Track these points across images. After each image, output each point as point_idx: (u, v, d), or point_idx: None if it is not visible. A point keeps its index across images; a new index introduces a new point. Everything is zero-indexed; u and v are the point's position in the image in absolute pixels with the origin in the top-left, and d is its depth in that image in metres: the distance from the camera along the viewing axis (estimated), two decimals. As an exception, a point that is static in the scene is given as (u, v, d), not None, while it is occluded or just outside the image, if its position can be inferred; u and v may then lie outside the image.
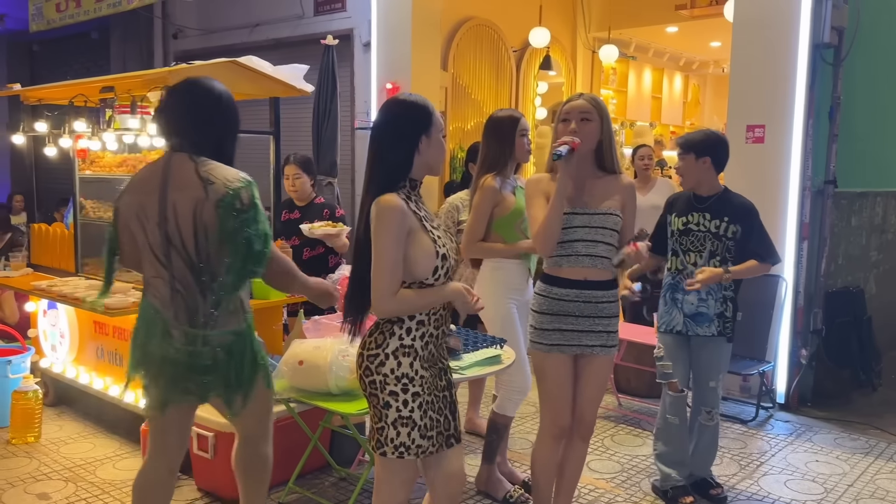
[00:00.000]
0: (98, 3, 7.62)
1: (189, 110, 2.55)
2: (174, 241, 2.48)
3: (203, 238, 2.47)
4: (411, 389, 2.27)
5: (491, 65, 8.31)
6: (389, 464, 2.33)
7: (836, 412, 4.93)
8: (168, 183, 2.49)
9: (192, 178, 2.47)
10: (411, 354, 2.28)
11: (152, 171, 2.58)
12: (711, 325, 3.47)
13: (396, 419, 2.27)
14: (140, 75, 4.02)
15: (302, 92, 4.29)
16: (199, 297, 2.49)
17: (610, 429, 4.59)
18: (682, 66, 12.06)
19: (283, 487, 3.57)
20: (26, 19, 8.48)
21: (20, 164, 8.36)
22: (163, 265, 2.50)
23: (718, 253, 3.46)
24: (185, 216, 2.46)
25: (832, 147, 5.04)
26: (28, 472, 3.83)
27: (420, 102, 2.33)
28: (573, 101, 2.90)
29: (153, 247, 2.51)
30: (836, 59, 4.97)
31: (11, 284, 4.65)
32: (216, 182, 2.46)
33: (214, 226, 2.45)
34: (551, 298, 2.90)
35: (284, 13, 7.64)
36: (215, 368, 2.54)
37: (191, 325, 2.50)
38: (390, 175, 2.28)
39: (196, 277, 2.49)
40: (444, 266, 2.30)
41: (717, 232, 3.45)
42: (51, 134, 4.52)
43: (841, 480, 3.93)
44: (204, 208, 2.44)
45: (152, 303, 2.54)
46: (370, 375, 2.30)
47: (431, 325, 2.32)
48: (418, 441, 2.29)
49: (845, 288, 5.36)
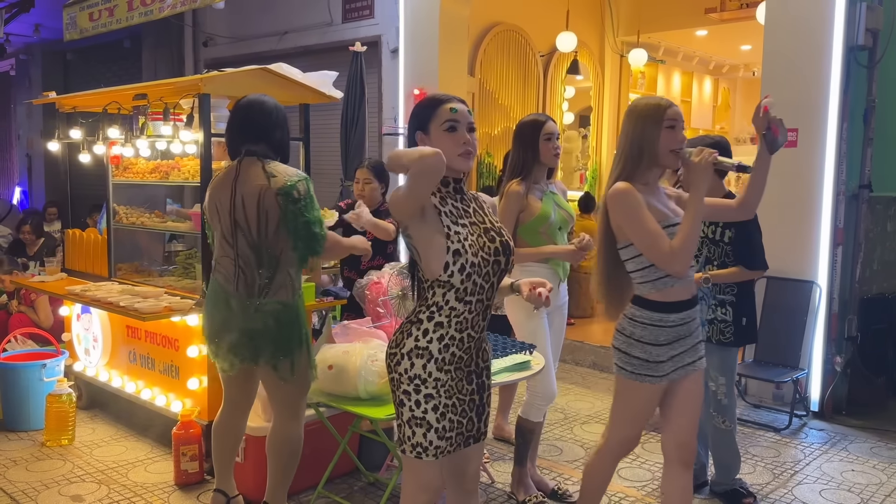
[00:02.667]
0: (130, 11, 7.74)
1: (256, 122, 3.04)
2: (241, 225, 2.95)
3: (264, 222, 2.92)
4: (423, 391, 2.24)
5: (518, 70, 8.30)
6: (409, 462, 2.33)
7: (872, 420, 4.83)
8: (238, 180, 2.97)
9: (258, 173, 2.95)
10: (425, 356, 2.24)
11: (227, 173, 3.05)
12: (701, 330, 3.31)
13: (410, 418, 2.26)
14: (172, 83, 4.06)
15: (331, 98, 4.31)
16: (256, 272, 2.96)
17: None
18: (712, 69, 11.94)
19: (313, 492, 3.58)
20: (60, 29, 8.63)
21: (55, 171, 8.50)
22: (230, 245, 2.98)
23: (715, 258, 3.42)
24: (250, 203, 2.92)
25: (867, 151, 4.96)
26: (62, 474, 3.88)
27: (426, 98, 2.36)
28: (674, 107, 2.63)
29: (224, 232, 3.00)
30: (870, 61, 4.89)
31: (46, 289, 4.73)
32: (278, 176, 2.94)
33: (276, 211, 2.91)
34: (668, 327, 2.61)
35: (313, 20, 7.70)
36: (265, 333, 2.97)
37: (248, 296, 2.97)
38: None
39: (256, 255, 2.95)
40: (455, 262, 2.20)
41: (714, 237, 3.43)
42: (85, 141, 4.59)
43: (878, 490, 3.85)
44: (266, 196, 2.90)
45: (217, 279, 3.05)
46: (390, 373, 2.32)
47: (453, 328, 2.25)
48: (436, 443, 2.26)
49: (881, 294, 5.27)
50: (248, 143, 3.02)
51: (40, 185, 11.48)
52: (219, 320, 3.04)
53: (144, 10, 7.62)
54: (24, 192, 12.08)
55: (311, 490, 3.62)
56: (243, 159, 3.01)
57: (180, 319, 3.89)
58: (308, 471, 3.63)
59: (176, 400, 4.03)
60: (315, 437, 3.63)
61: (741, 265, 3.43)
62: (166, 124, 4.04)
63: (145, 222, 4.49)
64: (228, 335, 3.01)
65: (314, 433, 3.63)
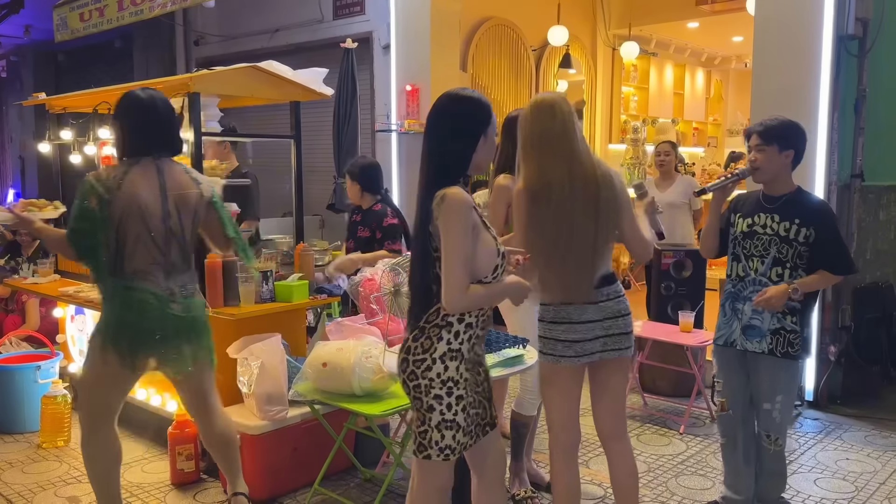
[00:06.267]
0: (120, 11, 7.71)
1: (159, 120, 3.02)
2: (175, 231, 2.96)
3: (194, 228, 3.04)
4: (455, 392, 2.26)
5: (510, 64, 8.29)
6: (430, 466, 2.31)
7: (867, 409, 4.85)
8: (166, 184, 2.95)
9: (184, 178, 3.02)
10: (458, 358, 2.26)
11: (145, 175, 2.95)
12: (763, 340, 3.09)
13: (440, 422, 2.25)
14: (162, 82, 4.06)
15: (322, 95, 4.31)
16: (186, 276, 3.04)
17: (636, 428, 4.55)
18: (704, 61, 11.95)
19: (309, 489, 3.59)
20: (51, 30, 8.59)
21: (48, 173, 8.48)
22: (162, 252, 2.95)
23: (788, 260, 3.05)
24: (186, 210, 2.98)
25: (858, 140, 4.96)
26: (58, 476, 3.88)
27: (482, 99, 2.29)
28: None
29: (156, 239, 2.93)
30: (860, 50, 4.89)
31: (39, 291, 4.72)
32: (203, 182, 3.06)
33: (204, 218, 3.05)
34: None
35: (304, 18, 7.68)
36: (203, 330, 3.08)
37: (183, 297, 3.01)
38: (448, 172, 2.24)
39: (185, 260, 3.03)
40: (502, 264, 2.28)
41: (787, 235, 3.04)
42: (76, 142, 4.59)
43: (872, 478, 3.86)
44: (200, 203, 3.02)
45: (147, 286, 2.94)
46: (415, 380, 2.28)
47: (478, 327, 2.31)
48: (462, 440, 2.29)
49: (874, 283, 5.28)
50: (156, 142, 3.00)
51: (34, 186, 11.45)
52: (154, 326, 2.96)
53: (135, 9, 7.58)
54: (17, 193, 12.05)
55: (307, 487, 3.62)
56: (159, 161, 2.99)
57: (174, 319, 3.88)
58: (304, 468, 3.63)
59: (171, 400, 4.03)
60: (311, 435, 3.64)
61: (825, 269, 3.06)
62: (157, 124, 4.03)
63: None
64: (176, 340, 2.99)
65: (310, 430, 3.63)
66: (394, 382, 3.43)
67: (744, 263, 3.15)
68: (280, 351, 3.56)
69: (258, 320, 3.81)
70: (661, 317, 5.30)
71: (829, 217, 3.13)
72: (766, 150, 3.08)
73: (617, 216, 2.74)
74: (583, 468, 3.89)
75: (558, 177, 2.65)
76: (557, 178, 2.65)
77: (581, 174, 2.68)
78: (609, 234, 2.75)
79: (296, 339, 4.08)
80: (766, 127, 3.10)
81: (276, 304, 3.86)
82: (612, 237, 2.77)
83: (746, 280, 3.14)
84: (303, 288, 3.94)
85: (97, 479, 3.09)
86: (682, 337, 4.60)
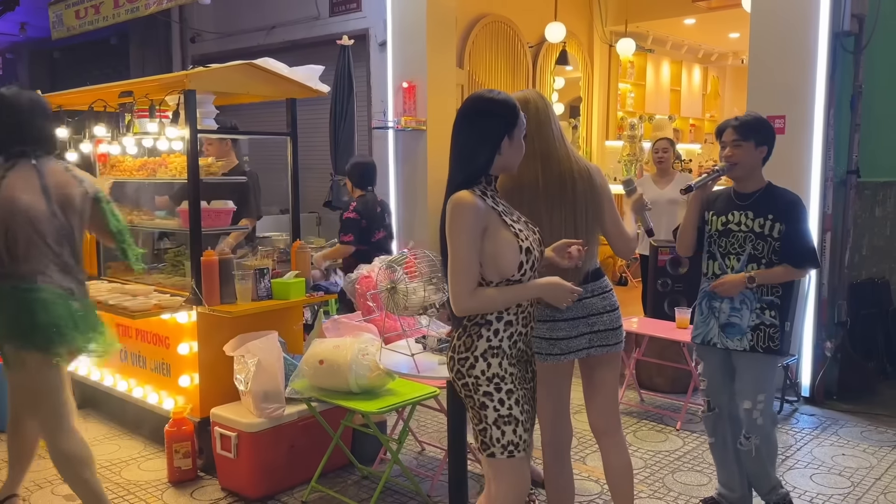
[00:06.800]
0: (116, 9, 7.70)
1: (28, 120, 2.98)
2: (66, 231, 2.96)
3: (83, 226, 3.05)
4: (504, 388, 2.26)
5: (507, 61, 8.29)
6: (500, 464, 2.29)
7: (863, 405, 4.87)
8: (47, 184, 2.94)
9: (65, 176, 3.01)
10: (499, 355, 2.26)
11: (25, 177, 2.92)
12: (744, 338, 3.07)
13: (497, 419, 2.25)
14: (157, 79, 4.05)
15: (318, 92, 4.30)
16: (80, 274, 3.06)
17: (633, 424, 4.56)
18: (701, 58, 11.95)
19: (306, 486, 3.59)
20: (47, 27, 8.58)
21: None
22: (55, 253, 2.94)
23: (763, 256, 3.04)
24: (71, 209, 2.97)
25: (854, 137, 4.97)
26: (54, 474, 3.84)
27: (508, 101, 2.26)
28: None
29: (46, 239, 2.92)
30: (856, 47, 4.89)
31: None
32: (85, 179, 3.07)
33: (91, 215, 3.06)
34: None
35: (300, 15, 7.67)
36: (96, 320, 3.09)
37: (82, 294, 3.03)
38: (469, 175, 2.25)
39: (77, 258, 3.03)
40: (528, 260, 2.25)
41: (762, 232, 3.04)
42: (72, 139, 4.57)
43: (868, 474, 3.87)
44: (85, 201, 3.03)
45: (48, 286, 2.93)
46: (462, 378, 2.28)
47: (520, 324, 2.30)
48: (524, 436, 2.28)
49: (870, 279, 5.29)
50: (27, 141, 2.96)
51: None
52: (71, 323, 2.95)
53: (131, 6, 7.57)
54: (13, 191, 12.02)
55: (304, 484, 3.63)
56: (38, 160, 2.96)
57: (170, 317, 3.88)
58: (301, 465, 3.64)
59: (168, 397, 4.03)
60: (308, 432, 3.64)
61: (787, 263, 3.04)
62: (152, 121, 4.03)
63: (133, 220, 4.47)
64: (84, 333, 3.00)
65: (307, 428, 3.64)
66: (391, 379, 3.44)
67: (720, 261, 3.14)
68: (277, 348, 3.57)
69: (255, 318, 3.81)
70: (657, 313, 5.31)
71: (798, 210, 3.08)
72: (742, 145, 3.06)
73: (597, 211, 2.74)
74: (579, 464, 3.91)
75: (530, 177, 2.66)
76: (528, 178, 2.66)
77: (556, 171, 2.68)
78: (591, 229, 2.74)
79: (293, 336, 4.08)
80: (742, 122, 3.09)
81: (273, 302, 3.86)
82: (594, 232, 2.77)
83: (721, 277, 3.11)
84: (299, 285, 3.94)
85: (75, 481, 3.07)
86: (678, 333, 4.60)
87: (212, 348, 3.76)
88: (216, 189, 4.14)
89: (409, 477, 3.55)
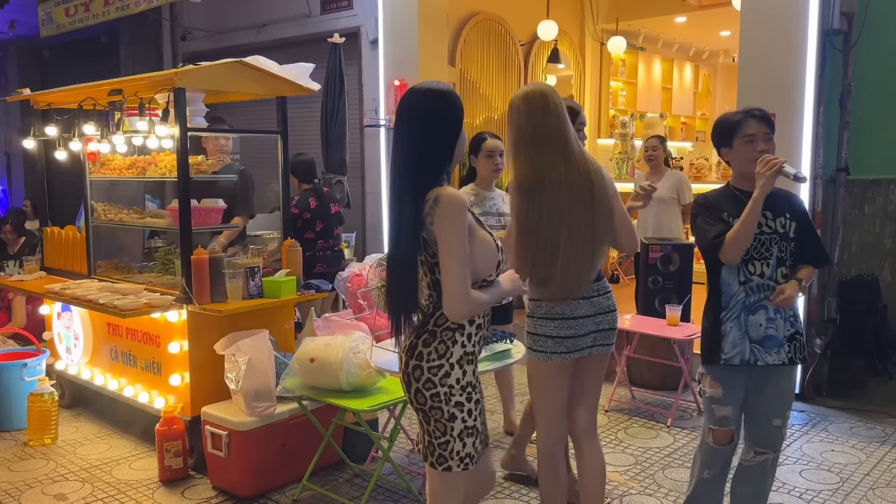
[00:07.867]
0: (107, 6, 7.67)
1: None
2: None
3: None
4: (474, 397, 2.16)
5: (499, 59, 8.29)
6: (449, 478, 2.17)
7: (852, 401, 4.89)
8: None
9: None
10: (473, 361, 2.17)
11: None
12: (781, 350, 2.71)
13: (462, 430, 2.13)
14: (147, 77, 4.03)
15: (308, 90, 4.29)
16: None
17: (624, 421, 4.58)
18: (692, 56, 11.97)
19: (297, 485, 3.59)
20: (36, 25, 8.54)
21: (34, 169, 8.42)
22: None
23: (787, 258, 2.73)
24: None
25: (844, 134, 5.00)
26: (45, 474, 3.86)
27: (452, 90, 2.19)
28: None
29: None
30: (845, 45, 4.92)
31: (25, 287, 4.69)
32: None
33: None
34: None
35: (291, 12, 7.65)
36: None
37: None
38: (438, 166, 2.11)
39: None
40: (502, 259, 2.20)
41: (785, 232, 2.72)
42: (61, 138, 4.55)
43: (857, 470, 3.90)
44: None
45: None
46: (433, 388, 2.12)
47: (484, 328, 2.22)
48: (479, 447, 2.19)
49: (860, 276, 5.32)
50: None
51: (19, 183, 11.37)
52: None
53: (121, 4, 7.55)
54: (3, 190, 11.96)
55: (295, 483, 3.63)
56: None
57: (161, 316, 3.87)
58: (293, 464, 3.63)
59: (158, 396, 4.02)
60: (299, 430, 3.64)
61: (809, 263, 2.77)
62: (142, 120, 4.01)
63: (123, 219, 4.46)
64: None
65: (298, 426, 3.63)
66: (381, 378, 3.44)
67: (742, 269, 2.72)
68: (268, 347, 3.56)
69: (245, 316, 3.80)
70: (648, 310, 5.33)
71: (804, 207, 2.87)
72: (772, 138, 2.78)
73: (611, 209, 2.72)
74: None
75: (553, 173, 2.62)
76: (552, 173, 2.61)
77: (576, 168, 2.66)
78: (607, 227, 2.71)
79: (283, 334, 4.08)
80: (765, 114, 2.79)
81: (264, 300, 3.85)
82: (610, 231, 2.73)
83: (750, 287, 2.72)
84: (290, 284, 3.94)
85: None
86: (669, 331, 4.62)
87: (202, 347, 3.76)
88: (208, 187, 4.13)
89: (401, 475, 3.55)
